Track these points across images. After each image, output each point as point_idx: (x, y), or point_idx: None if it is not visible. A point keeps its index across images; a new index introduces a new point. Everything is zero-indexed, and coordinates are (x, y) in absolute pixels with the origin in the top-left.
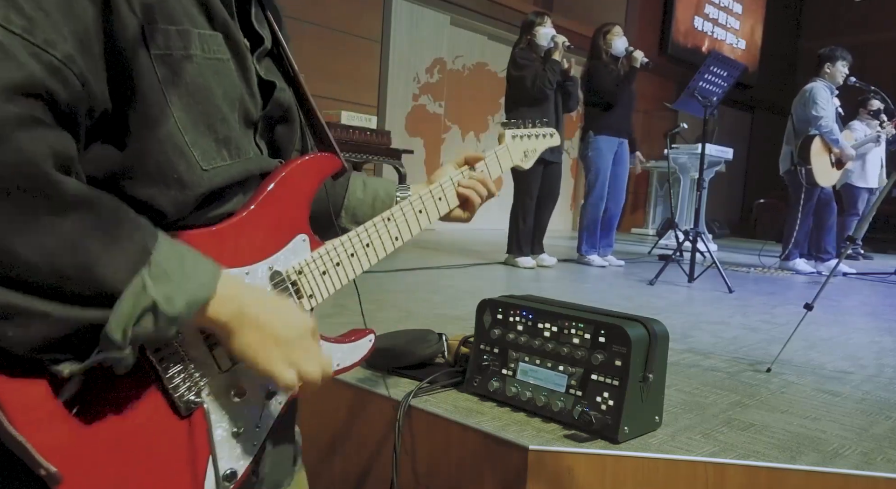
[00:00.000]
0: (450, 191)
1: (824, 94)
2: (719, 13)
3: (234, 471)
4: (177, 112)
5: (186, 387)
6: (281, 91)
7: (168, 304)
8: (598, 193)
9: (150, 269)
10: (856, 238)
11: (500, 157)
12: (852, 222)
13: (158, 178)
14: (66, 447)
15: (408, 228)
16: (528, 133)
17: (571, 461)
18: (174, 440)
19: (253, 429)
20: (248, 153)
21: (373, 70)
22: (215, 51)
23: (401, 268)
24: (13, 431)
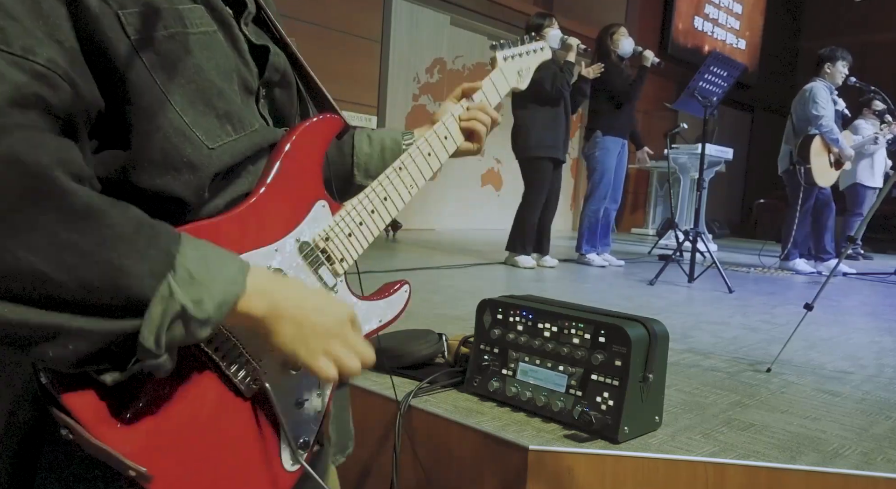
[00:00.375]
0: (453, 127)
1: (824, 94)
2: (719, 13)
3: (306, 440)
4: (171, 95)
5: (245, 371)
6: (275, 55)
7: (197, 308)
8: (601, 193)
9: (176, 274)
10: (856, 238)
11: (495, 81)
12: (856, 222)
13: (167, 164)
14: (147, 446)
15: (420, 174)
16: (519, 51)
17: (571, 461)
18: (244, 421)
19: (314, 397)
20: (253, 125)
21: (373, 70)
22: (198, 24)
23: (401, 268)
24: (97, 442)
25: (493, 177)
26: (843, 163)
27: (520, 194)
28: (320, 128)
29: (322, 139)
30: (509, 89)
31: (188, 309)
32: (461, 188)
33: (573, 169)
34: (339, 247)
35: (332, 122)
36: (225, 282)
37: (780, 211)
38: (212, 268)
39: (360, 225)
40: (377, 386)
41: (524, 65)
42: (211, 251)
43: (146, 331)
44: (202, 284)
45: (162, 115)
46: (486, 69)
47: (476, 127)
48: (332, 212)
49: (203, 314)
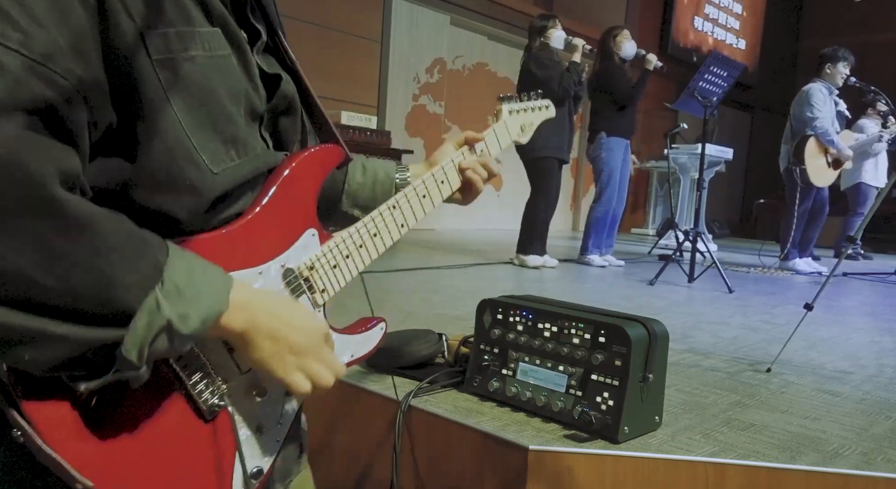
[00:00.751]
0: (451, 173)
1: (820, 95)
2: (719, 13)
3: (261, 468)
4: (182, 116)
5: (210, 392)
6: (286, 83)
7: (182, 323)
8: (609, 194)
9: (163, 287)
10: (855, 238)
11: (498, 133)
12: (856, 222)
13: (170, 186)
14: (98, 460)
15: (412, 214)
16: (524, 107)
17: (571, 461)
18: (201, 444)
19: (275, 425)
20: (255, 149)
21: (373, 70)
22: (216, 47)
23: (401, 268)
24: (48, 449)
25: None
26: (842, 162)
27: (520, 194)
28: (321, 157)
29: (321, 169)
30: (510, 142)
31: (174, 323)
32: None
33: (573, 169)
34: (322, 277)
35: (334, 152)
36: (211, 297)
37: (780, 211)
38: (198, 282)
39: (346, 258)
40: (377, 386)
41: (528, 120)
42: (198, 264)
43: (129, 343)
44: (189, 299)
45: (172, 135)
46: (486, 70)
47: (474, 179)
48: (321, 241)
49: (188, 329)
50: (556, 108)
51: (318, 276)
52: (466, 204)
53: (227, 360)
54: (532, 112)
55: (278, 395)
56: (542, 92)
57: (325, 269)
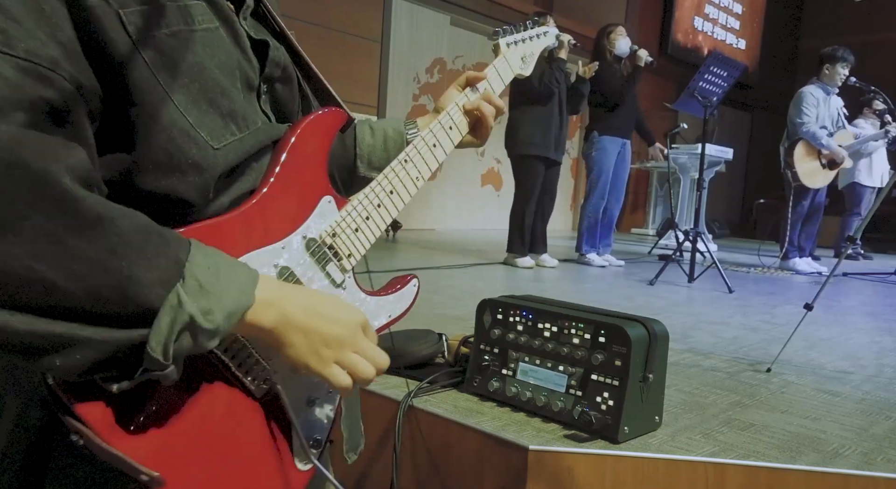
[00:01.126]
0: (458, 117)
1: (811, 98)
2: (719, 13)
3: (319, 438)
4: (174, 95)
5: (256, 372)
6: (275, 49)
7: (206, 318)
8: (599, 193)
9: (185, 283)
10: (855, 238)
11: (499, 69)
12: (853, 222)
13: (173, 166)
14: (159, 450)
15: (426, 166)
16: (522, 37)
17: (571, 461)
18: (255, 422)
19: (326, 394)
20: (256, 123)
21: (373, 70)
22: (200, 21)
23: (401, 268)
24: (109, 447)
25: (493, 177)
26: (838, 163)
27: None
28: (324, 122)
29: (326, 133)
30: (513, 76)
31: (196, 319)
32: (461, 188)
33: (573, 169)
34: (346, 242)
35: (335, 115)
36: (235, 292)
37: (780, 211)
38: (222, 277)
39: (366, 220)
40: (377, 386)
41: (528, 50)
42: (221, 260)
43: (154, 341)
44: (211, 294)
45: (165, 115)
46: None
47: (482, 117)
48: (339, 207)
49: (211, 325)
50: (540, 105)
51: (341, 242)
52: (482, 143)
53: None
54: (531, 41)
55: None
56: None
57: (348, 234)
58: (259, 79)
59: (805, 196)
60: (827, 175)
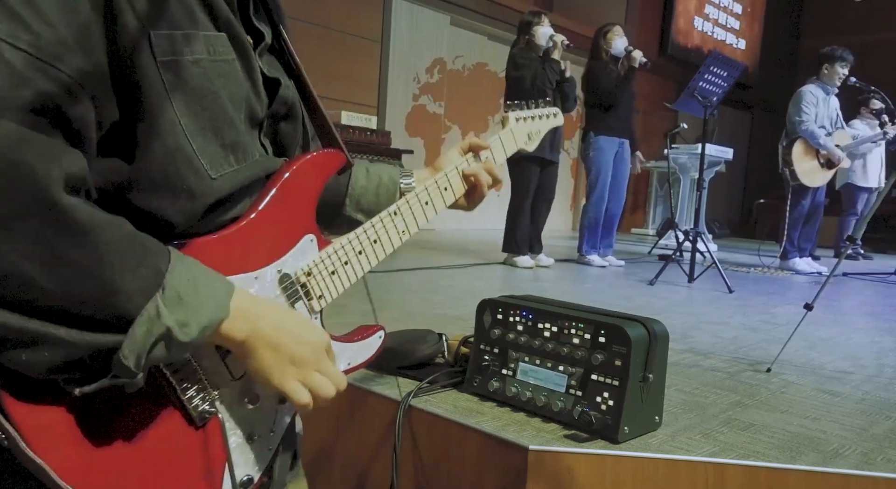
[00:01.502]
0: (455, 180)
1: (811, 97)
2: (719, 13)
3: (251, 476)
4: (183, 119)
5: (200, 398)
6: (285, 88)
7: (182, 331)
8: (599, 193)
9: (164, 294)
10: (855, 238)
11: (504, 141)
12: (850, 222)
13: (167, 188)
14: (83, 466)
15: (414, 221)
16: (531, 114)
17: (571, 461)
18: (190, 450)
19: (268, 434)
20: (254, 155)
21: (373, 70)
22: (221, 52)
23: (401, 268)
24: (31, 454)
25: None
26: (835, 163)
27: None
28: (321, 162)
29: (321, 173)
30: (517, 150)
31: (173, 331)
32: None
33: (573, 169)
34: (319, 283)
35: (334, 157)
36: (212, 306)
37: (780, 211)
38: (200, 290)
39: (345, 264)
40: (377, 386)
41: (535, 128)
42: (200, 271)
43: (127, 350)
44: (189, 307)
45: (172, 138)
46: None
47: (479, 184)
48: (320, 247)
49: (187, 337)
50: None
51: (315, 282)
52: (471, 209)
53: (220, 366)
54: (539, 120)
55: (271, 403)
56: (548, 100)
57: (323, 275)
58: (265, 114)
59: (804, 195)
60: (825, 174)
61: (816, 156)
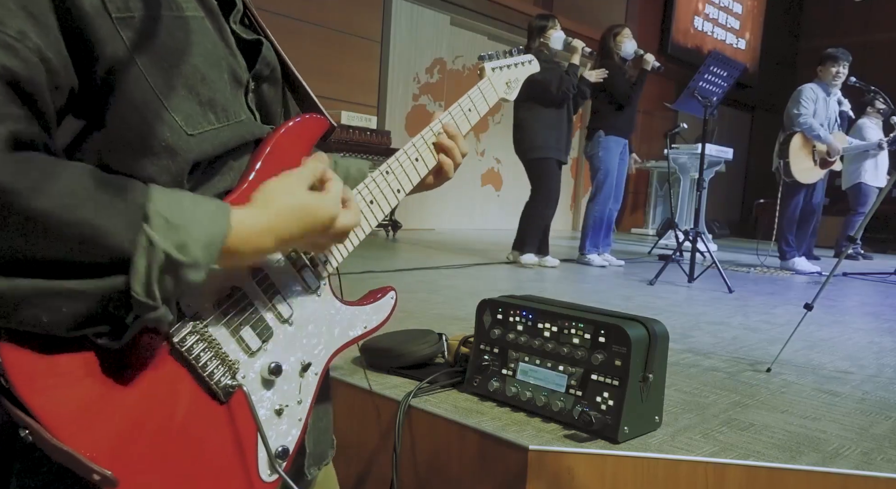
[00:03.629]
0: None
1: (811, 94)
2: (719, 13)
3: (286, 447)
4: (150, 77)
5: (221, 373)
6: (267, 49)
7: (182, 252)
8: (606, 193)
9: (151, 222)
10: (855, 238)
11: (484, 91)
12: (857, 221)
13: (145, 148)
14: (114, 449)
15: (407, 178)
16: (508, 62)
17: (571, 461)
18: (219, 427)
19: (295, 403)
20: (240, 116)
21: (373, 70)
22: (186, 8)
23: (401, 268)
24: (58, 443)
25: (493, 177)
26: (830, 162)
27: (520, 194)
28: (306, 127)
29: (307, 139)
30: (497, 99)
31: (172, 255)
32: (461, 188)
33: (573, 169)
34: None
35: (317, 122)
36: (205, 221)
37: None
38: (187, 210)
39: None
40: (377, 386)
41: (512, 76)
42: (185, 196)
43: (136, 284)
44: (181, 227)
45: (140, 96)
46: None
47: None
48: None
49: (190, 258)
50: (554, 109)
51: None
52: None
53: (235, 342)
54: (516, 67)
55: (294, 373)
56: (521, 48)
57: None
58: (247, 75)
59: (797, 193)
60: (817, 172)
61: (812, 153)
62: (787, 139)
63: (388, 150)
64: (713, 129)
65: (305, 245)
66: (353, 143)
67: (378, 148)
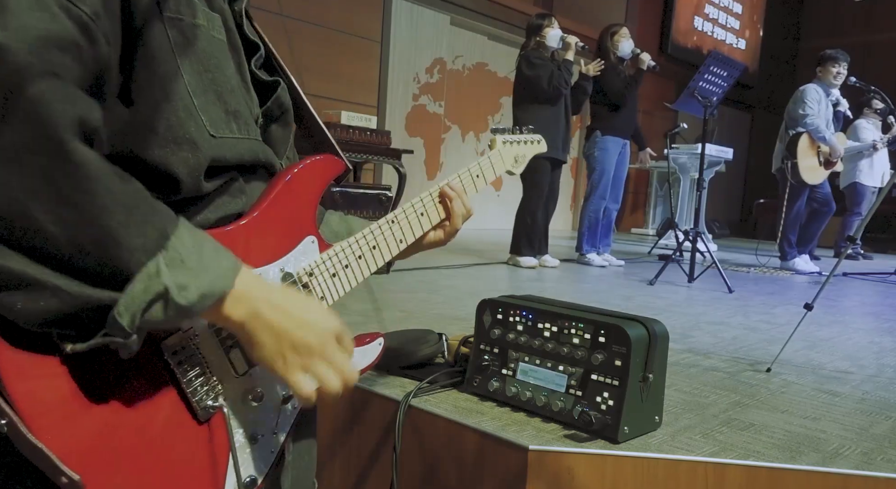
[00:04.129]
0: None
1: (815, 94)
2: (719, 13)
3: (254, 477)
4: (187, 76)
5: (205, 392)
6: (283, 90)
7: (180, 293)
8: (600, 193)
9: (167, 254)
10: (855, 238)
11: (493, 160)
12: (854, 221)
13: (170, 137)
14: (85, 452)
15: (410, 230)
16: (518, 139)
17: (571, 461)
18: (193, 445)
19: (270, 434)
20: (256, 134)
21: (373, 70)
22: (217, 31)
23: (401, 268)
24: (31, 438)
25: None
26: (833, 162)
27: (520, 195)
28: (323, 166)
29: (322, 178)
30: (504, 171)
31: (171, 291)
32: None
33: (573, 169)
34: (321, 284)
35: (334, 163)
36: (214, 274)
37: (779, 211)
38: (205, 257)
39: (345, 268)
40: (377, 386)
41: (521, 152)
42: (207, 241)
43: (123, 306)
44: (191, 271)
45: (175, 91)
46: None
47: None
48: (321, 249)
49: (185, 300)
50: (549, 106)
51: (317, 283)
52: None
53: (224, 361)
54: (525, 145)
55: (275, 403)
56: (531, 127)
57: (325, 277)
58: (258, 111)
59: (801, 194)
60: (823, 172)
61: (817, 153)
62: (794, 140)
63: (388, 151)
64: (713, 129)
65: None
66: (354, 142)
67: (378, 148)
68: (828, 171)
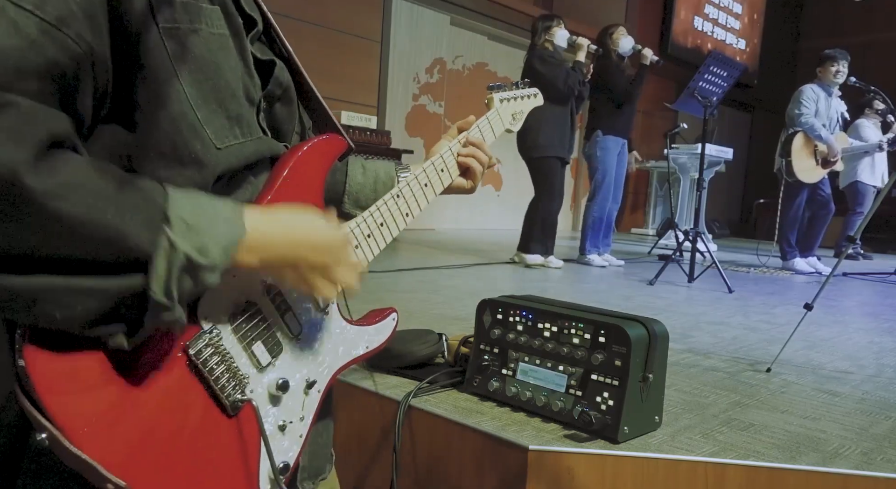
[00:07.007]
0: (450, 160)
1: (811, 94)
2: (719, 13)
3: (287, 463)
4: (187, 88)
5: (232, 387)
6: (280, 69)
7: (202, 255)
8: (604, 193)
9: (171, 224)
10: (855, 238)
11: (491, 121)
12: (856, 221)
13: (174, 158)
14: (127, 458)
15: (416, 204)
16: (514, 95)
17: (571, 461)
18: (227, 439)
19: (298, 420)
20: (259, 132)
21: (373, 70)
22: (218, 26)
23: (401, 268)
24: (74, 449)
25: (493, 177)
26: (831, 162)
27: (520, 194)
28: (325, 147)
29: (326, 159)
30: (503, 130)
31: (193, 258)
32: None
33: (573, 169)
34: None
35: (336, 142)
36: (223, 225)
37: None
38: (206, 212)
39: (355, 248)
40: (377, 386)
41: (518, 108)
42: (202, 197)
43: (154, 285)
44: (201, 230)
45: (177, 107)
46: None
47: (472, 164)
48: None
49: (209, 260)
50: (558, 106)
51: None
52: (471, 191)
53: (247, 355)
54: (522, 100)
55: (299, 390)
56: (527, 81)
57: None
58: (260, 95)
59: (799, 193)
60: (820, 172)
61: (814, 153)
62: (788, 139)
63: (388, 150)
64: (713, 129)
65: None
66: (354, 143)
67: (378, 148)
68: (825, 170)
